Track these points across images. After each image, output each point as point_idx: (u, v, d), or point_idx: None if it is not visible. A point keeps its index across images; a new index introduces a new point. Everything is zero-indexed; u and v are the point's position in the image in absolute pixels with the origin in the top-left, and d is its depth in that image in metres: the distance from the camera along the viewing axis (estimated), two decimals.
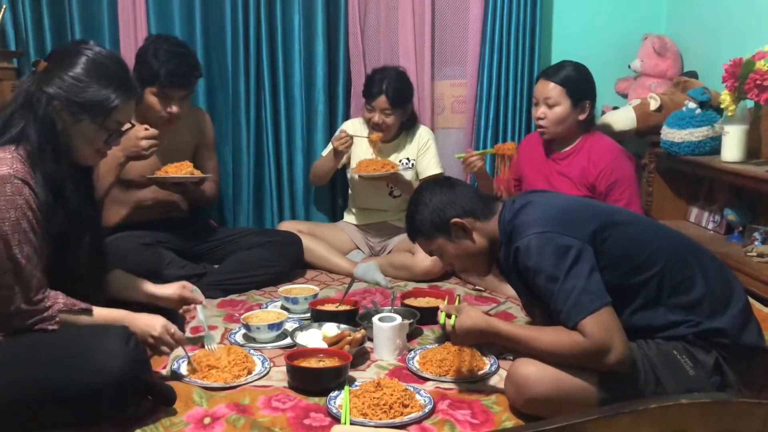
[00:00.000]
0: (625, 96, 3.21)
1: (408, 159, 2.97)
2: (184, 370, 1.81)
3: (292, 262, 2.76)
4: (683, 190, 2.82)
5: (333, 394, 1.68)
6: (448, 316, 1.66)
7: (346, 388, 1.66)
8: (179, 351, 1.80)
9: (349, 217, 3.10)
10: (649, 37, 3.10)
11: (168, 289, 1.90)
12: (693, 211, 2.79)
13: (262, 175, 3.16)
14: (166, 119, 2.48)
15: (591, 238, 1.55)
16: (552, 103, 2.39)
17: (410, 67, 3.09)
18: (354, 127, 2.99)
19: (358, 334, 1.94)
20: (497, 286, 2.66)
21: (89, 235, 1.64)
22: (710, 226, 2.62)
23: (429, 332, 2.22)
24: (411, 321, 2.15)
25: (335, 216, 3.23)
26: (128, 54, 2.80)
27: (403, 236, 2.93)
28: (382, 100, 2.81)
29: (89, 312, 1.59)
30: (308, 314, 2.32)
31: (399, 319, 2.01)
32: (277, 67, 3.06)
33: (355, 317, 2.21)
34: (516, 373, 1.58)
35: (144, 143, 2.22)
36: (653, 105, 2.76)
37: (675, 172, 2.76)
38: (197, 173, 2.48)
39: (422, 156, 2.98)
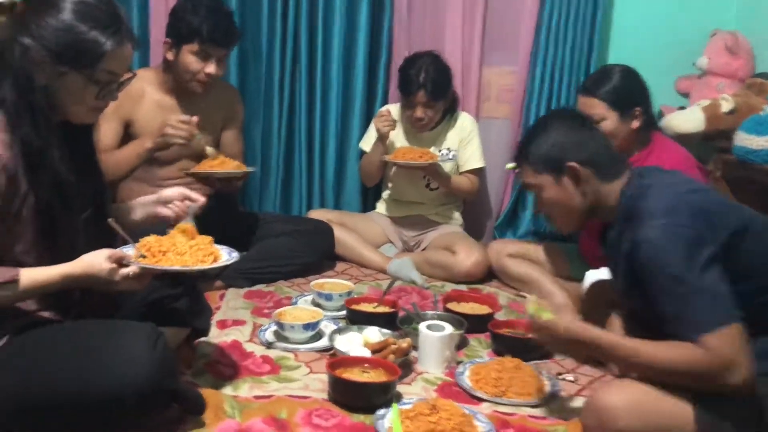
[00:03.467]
0: (686, 95, 2.98)
1: (449, 149, 2.76)
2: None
3: (322, 254, 2.56)
4: (753, 201, 2.59)
5: (380, 412, 1.48)
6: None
7: (395, 407, 1.47)
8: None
9: (382, 208, 2.89)
10: (718, 33, 2.86)
11: (168, 191, 1.60)
12: None
13: (291, 160, 2.95)
14: (203, 82, 2.27)
15: (726, 241, 1.34)
16: (597, 119, 2.11)
17: (456, 50, 2.88)
18: (395, 113, 2.77)
19: (404, 344, 1.74)
20: (543, 294, 2.45)
21: (88, 212, 1.41)
22: None
23: (476, 342, 2.02)
24: (461, 331, 1.95)
25: (366, 206, 3.03)
26: (159, 12, 2.60)
27: (441, 232, 2.74)
28: (421, 95, 2.59)
29: (14, 284, 1.25)
30: (342, 312, 2.13)
31: (448, 328, 1.81)
32: (315, 43, 2.84)
33: (394, 320, 2.01)
34: (599, 403, 1.38)
35: (176, 133, 2.03)
36: (725, 107, 2.54)
37: (744, 181, 2.54)
38: (243, 167, 2.27)
39: (464, 147, 2.76)
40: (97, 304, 1.46)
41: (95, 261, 1.31)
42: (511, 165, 2.48)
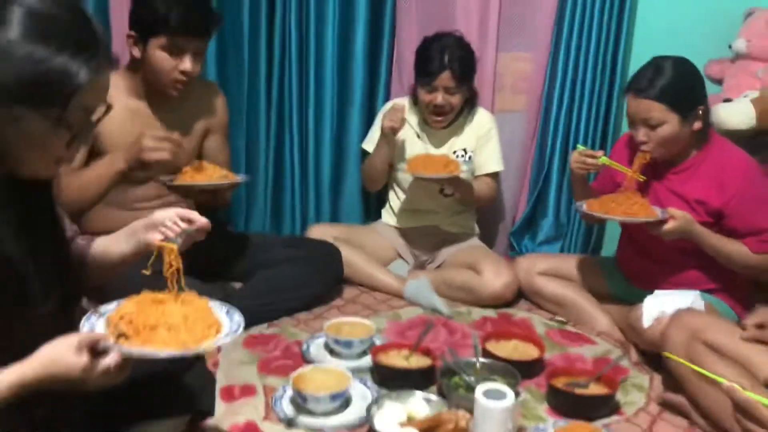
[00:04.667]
0: (718, 82, 2.69)
1: (465, 151, 2.41)
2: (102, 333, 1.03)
3: (330, 283, 2.21)
4: None
5: None
6: None
7: None
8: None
9: (389, 218, 2.54)
10: (756, 11, 2.56)
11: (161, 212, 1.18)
12: None
13: (282, 166, 2.58)
14: (178, 83, 1.87)
15: None
16: (655, 124, 1.83)
17: (469, 34, 2.50)
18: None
19: (462, 421, 1.43)
20: (583, 319, 2.17)
21: (53, 304, 1.04)
22: None
23: (527, 395, 1.72)
24: (523, 397, 1.64)
25: (369, 215, 2.68)
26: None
27: (459, 247, 2.42)
28: (446, 77, 2.23)
29: None
30: (365, 360, 1.80)
31: (509, 395, 1.50)
32: (307, 31, 2.45)
33: (433, 375, 1.70)
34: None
35: (156, 154, 1.63)
36: None
37: None
38: (231, 177, 1.89)
39: (482, 147, 2.42)
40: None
41: (61, 355, 0.95)
42: (582, 147, 2.10)
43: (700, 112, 1.87)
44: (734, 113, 2.30)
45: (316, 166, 2.57)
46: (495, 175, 2.46)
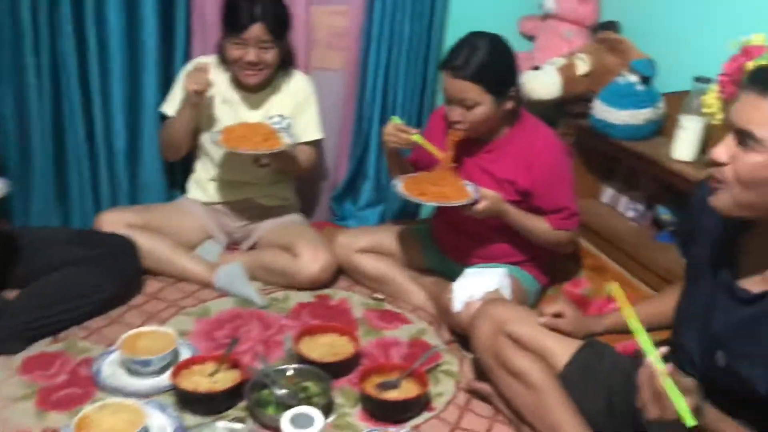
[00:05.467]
0: (530, 38, 2.71)
1: (282, 116, 2.22)
2: None
3: (126, 282, 1.97)
4: (597, 167, 2.48)
5: None
6: None
7: None
8: None
9: (197, 192, 2.31)
10: None
11: None
12: (607, 192, 2.48)
13: (63, 139, 2.20)
14: None
15: None
16: (470, 104, 1.80)
17: None
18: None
19: None
20: (401, 294, 2.16)
21: None
22: (630, 214, 2.34)
23: (341, 398, 1.68)
24: (333, 417, 1.58)
25: (173, 189, 2.41)
26: None
27: (275, 223, 2.28)
28: (258, 30, 2.01)
29: None
30: (165, 374, 1.64)
31: (317, 421, 1.42)
32: None
33: (241, 392, 1.59)
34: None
35: None
36: (581, 68, 2.31)
37: (595, 152, 2.39)
38: None
39: (300, 115, 2.25)
40: None
41: None
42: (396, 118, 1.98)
43: (513, 92, 1.85)
44: (541, 84, 2.32)
45: (105, 136, 2.23)
46: (315, 143, 2.31)
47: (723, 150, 1.07)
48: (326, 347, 1.80)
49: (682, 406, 1.05)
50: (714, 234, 1.24)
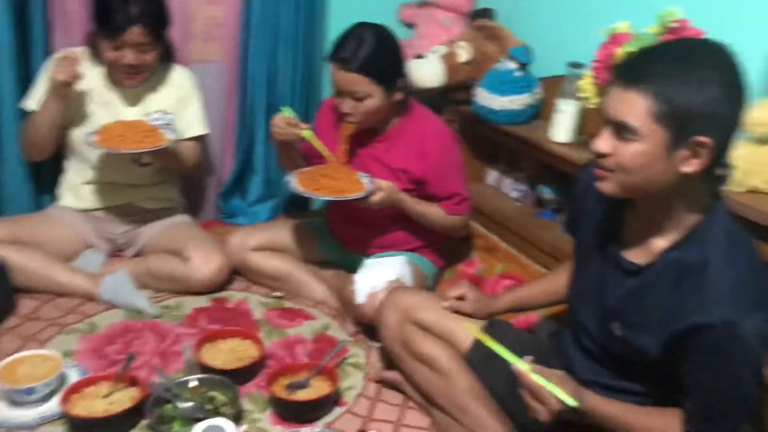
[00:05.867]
0: (409, 26, 2.75)
1: (163, 113, 2.09)
2: None
3: None
4: (481, 151, 2.57)
5: None
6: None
7: None
8: None
9: (70, 199, 2.13)
10: None
11: None
12: (491, 174, 2.58)
13: None
14: None
15: None
16: (361, 96, 1.80)
17: None
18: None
19: None
20: (300, 290, 2.13)
21: None
22: (515, 194, 2.45)
23: (250, 403, 1.63)
24: (244, 428, 1.52)
25: (42, 196, 2.21)
26: None
27: (160, 227, 2.16)
28: (136, 33, 1.87)
29: None
30: (53, 400, 1.51)
31: (230, 429, 1.37)
32: None
33: (142, 410, 1.49)
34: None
35: None
36: (463, 56, 2.37)
37: (480, 138, 2.47)
38: None
39: (183, 110, 2.13)
40: None
41: None
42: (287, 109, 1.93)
43: (402, 84, 1.86)
44: (426, 73, 2.35)
45: None
46: (200, 138, 2.19)
47: (604, 143, 1.14)
48: (229, 353, 1.74)
49: (559, 391, 1.16)
50: (599, 213, 1.32)
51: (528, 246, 2.17)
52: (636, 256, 1.24)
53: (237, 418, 1.54)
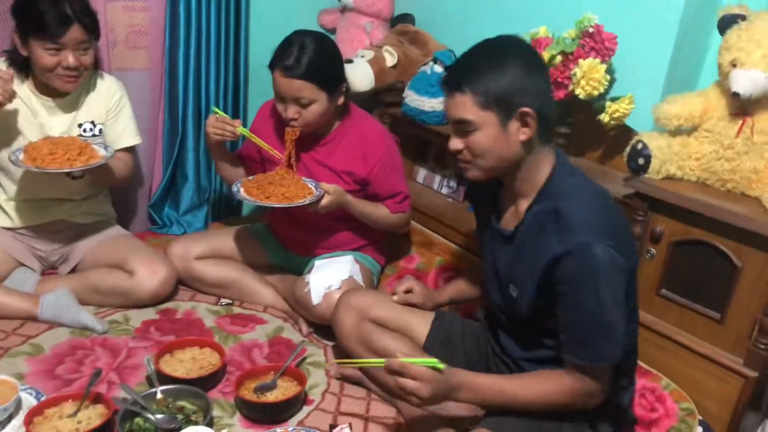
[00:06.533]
0: (331, 31, 2.81)
1: (93, 123, 2.03)
2: None
3: None
4: (410, 150, 2.68)
5: None
6: None
7: None
8: None
9: None
10: None
11: None
12: (421, 172, 2.69)
13: None
14: None
15: (628, 278, 1.32)
16: (306, 102, 1.85)
17: None
18: None
19: None
20: (248, 296, 2.14)
21: None
22: (444, 191, 2.57)
23: (218, 409, 1.63)
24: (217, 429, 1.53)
25: None
26: None
27: (98, 240, 2.10)
28: (75, 32, 1.81)
29: None
30: (13, 422, 1.45)
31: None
32: None
33: (111, 428, 1.47)
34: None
35: None
36: (390, 61, 2.46)
37: (412, 137, 2.58)
38: None
39: (114, 120, 2.07)
40: None
41: None
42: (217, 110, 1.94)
43: (343, 88, 1.93)
44: (358, 77, 2.43)
45: None
46: (131, 149, 2.14)
47: (454, 141, 1.37)
48: (190, 362, 1.73)
49: (424, 360, 1.32)
50: (486, 197, 1.53)
51: (463, 238, 2.30)
52: (509, 223, 1.44)
53: (210, 424, 1.55)
